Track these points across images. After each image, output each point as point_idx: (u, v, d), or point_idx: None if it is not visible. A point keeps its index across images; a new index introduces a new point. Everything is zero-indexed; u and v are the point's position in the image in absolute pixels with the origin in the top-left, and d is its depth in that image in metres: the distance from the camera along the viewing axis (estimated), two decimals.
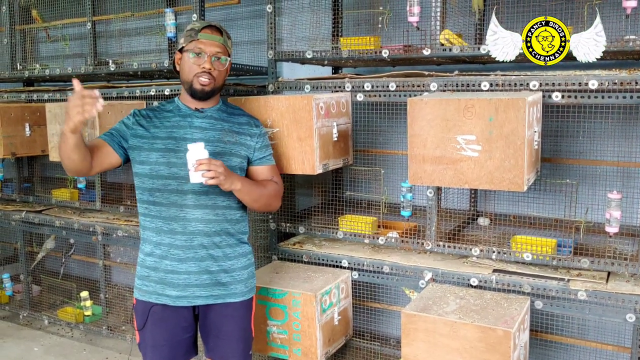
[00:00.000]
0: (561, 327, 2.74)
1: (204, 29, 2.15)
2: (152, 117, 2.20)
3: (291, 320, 2.60)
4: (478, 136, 2.18)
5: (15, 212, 4.02)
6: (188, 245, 2.14)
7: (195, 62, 2.13)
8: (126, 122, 2.21)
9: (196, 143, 1.99)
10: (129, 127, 2.19)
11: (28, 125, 3.88)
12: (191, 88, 2.16)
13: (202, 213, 2.14)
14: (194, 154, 1.97)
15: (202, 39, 2.14)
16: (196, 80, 2.14)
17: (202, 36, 2.14)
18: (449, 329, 2.24)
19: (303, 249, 2.98)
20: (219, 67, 2.17)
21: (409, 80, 2.65)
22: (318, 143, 2.60)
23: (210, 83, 2.15)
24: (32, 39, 4.52)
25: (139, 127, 2.17)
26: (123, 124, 2.21)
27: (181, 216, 2.13)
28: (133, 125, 2.18)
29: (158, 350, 2.19)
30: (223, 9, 3.77)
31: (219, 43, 2.16)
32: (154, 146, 2.14)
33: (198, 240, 2.15)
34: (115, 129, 2.21)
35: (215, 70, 2.15)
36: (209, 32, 2.16)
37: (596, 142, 2.77)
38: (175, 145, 2.13)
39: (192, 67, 2.14)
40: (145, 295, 2.19)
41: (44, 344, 3.85)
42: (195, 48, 2.13)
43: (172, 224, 2.14)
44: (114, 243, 3.67)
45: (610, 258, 2.36)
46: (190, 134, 2.16)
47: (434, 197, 2.63)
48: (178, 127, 2.17)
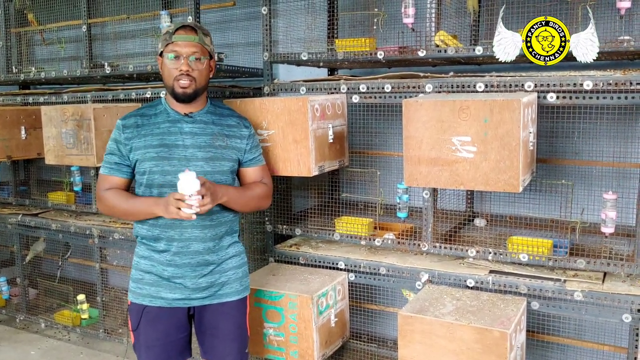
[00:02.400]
0: (558, 327, 2.74)
1: (178, 30, 2.11)
2: (140, 125, 2.15)
3: (288, 322, 2.60)
4: (473, 137, 2.19)
5: (11, 216, 4.01)
6: (184, 251, 2.14)
7: (172, 65, 2.10)
8: (118, 138, 2.15)
9: (186, 173, 1.95)
10: (123, 144, 2.14)
11: (24, 128, 3.87)
12: (173, 92, 2.13)
13: (198, 219, 2.12)
14: (185, 186, 1.95)
15: (176, 41, 2.10)
16: (176, 84, 2.11)
17: (176, 38, 2.10)
18: (445, 330, 2.23)
19: (299, 251, 2.98)
20: (198, 67, 2.12)
21: (404, 82, 2.65)
22: (314, 145, 2.59)
23: (190, 85, 2.11)
24: (28, 42, 4.52)
25: (130, 141, 2.13)
26: (116, 143, 2.16)
27: (177, 223, 2.12)
28: (125, 141, 2.14)
29: (152, 350, 2.19)
30: (218, 11, 3.76)
31: (195, 42, 2.11)
32: (147, 155, 2.12)
33: (194, 247, 2.15)
34: (116, 156, 2.16)
35: (194, 71, 2.11)
36: (183, 32, 2.11)
37: (591, 143, 2.77)
38: (167, 152, 2.12)
39: (171, 70, 2.11)
40: (139, 298, 2.19)
41: (40, 347, 3.84)
42: (171, 51, 2.10)
43: (168, 231, 2.14)
44: (111, 246, 3.66)
45: (606, 258, 2.36)
46: (182, 140, 2.14)
47: (430, 198, 2.63)
48: (169, 134, 2.14)
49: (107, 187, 2.17)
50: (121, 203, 2.14)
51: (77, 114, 3.31)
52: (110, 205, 2.17)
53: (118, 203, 2.15)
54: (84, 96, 3.68)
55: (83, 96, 3.69)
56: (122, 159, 2.16)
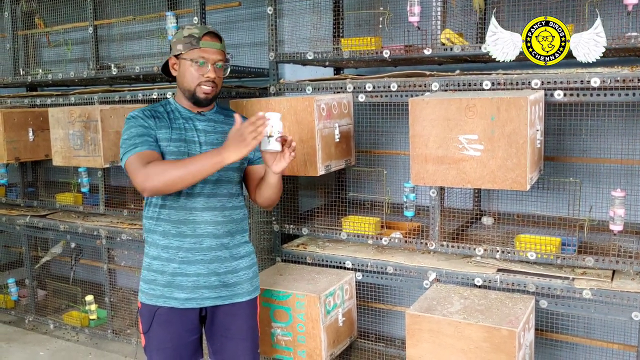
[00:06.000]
0: (566, 326, 2.73)
1: (204, 36, 2.11)
2: (156, 118, 2.12)
3: (295, 322, 2.60)
4: (480, 135, 2.18)
5: (19, 217, 4.03)
6: (197, 247, 2.14)
7: (198, 70, 2.09)
8: (143, 124, 2.07)
9: (274, 113, 1.94)
10: (153, 130, 2.08)
11: (31, 130, 3.90)
12: (194, 96, 2.13)
13: (211, 215, 2.13)
14: (276, 125, 1.94)
15: (205, 47, 2.09)
16: (199, 90, 2.11)
17: (204, 44, 2.09)
18: (453, 329, 2.23)
19: (307, 251, 2.98)
20: (220, 74, 2.15)
21: (410, 80, 2.64)
22: (320, 144, 2.59)
23: (212, 90, 2.13)
24: (35, 44, 4.54)
25: (156, 130, 2.09)
26: (145, 128, 2.07)
27: (190, 219, 2.13)
28: (153, 128, 2.08)
29: (164, 353, 2.19)
30: (224, 12, 3.77)
31: (220, 50, 2.14)
32: (168, 149, 2.09)
33: (207, 243, 2.15)
34: (150, 137, 2.06)
35: (217, 78, 2.13)
36: (209, 39, 2.11)
37: (599, 140, 2.76)
38: (186, 148, 2.10)
39: (195, 75, 2.10)
40: (152, 299, 2.18)
41: (49, 348, 3.86)
42: (199, 57, 2.09)
43: (180, 227, 2.13)
44: (118, 246, 3.67)
45: (615, 256, 2.35)
46: (197, 136, 2.14)
47: (437, 197, 2.63)
48: (185, 130, 2.14)
49: (148, 160, 1.98)
50: (176, 164, 1.95)
51: (84, 115, 3.33)
52: (163, 169, 1.94)
53: (173, 165, 1.95)
54: (90, 97, 3.70)
55: (90, 97, 3.70)
56: (155, 140, 2.07)
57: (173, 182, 1.94)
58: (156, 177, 1.93)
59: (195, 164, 1.93)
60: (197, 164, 1.92)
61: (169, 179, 1.93)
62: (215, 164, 1.91)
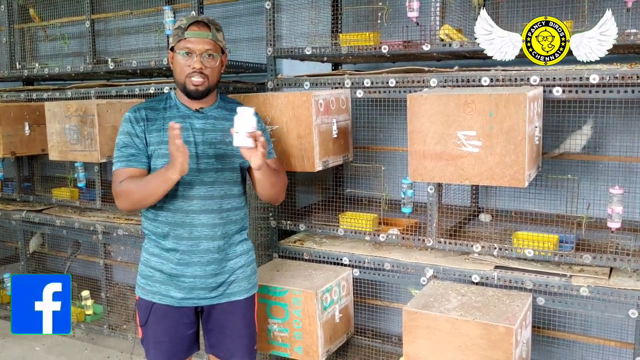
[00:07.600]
0: (563, 323, 2.73)
1: (191, 26, 2.06)
2: (151, 119, 2.11)
3: (292, 318, 2.60)
4: (478, 132, 2.17)
5: (15, 212, 4.02)
6: (194, 250, 2.12)
7: (185, 62, 2.06)
8: (131, 131, 2.08)
9: (246, 108, 1.90)
10: (139, 137, 2.08)
11: (27, 125, 3.87)
12: (185, 89, 2.10)
13: (208, 218, 2.11)
14: (244, 120, 1.89)
15: (189, 38, 2.05)
16: (188, 81, 2.07)
17: (189, 34, 2.05)
18: (450, 326, 2.23)
19: (304, 247, 2.97)
20: (211, 64, 2.08)
21: (408, 76, 2.63)
22: (318, 140, 2.58)
23: (203, 82, 2.07)
24: (31, 38, 4.51)
25: (145, 135, 2.09)
26: (130, 136, 2.08)
27: (187, 221, 2.10)
28: (140, 134, 2.08)
29: (160, 346, 2.19)
30: (222, 6, 3.75)
31: (209, 39, 2.06)
32: (159, 152, 2.08)
33: (204, 245, 2.13)
34: (131, 147, 2.07)
35: (207, 69, 2.07)
36: (196, 28, 2.06)
37: (598, 137, 2.75)
38: None
39: (183, 67, 2.06)
40: (148, 295, 2.17)
41: (45, 343, 3.85)
42: (184, 48, 2.05)
43: (177, 229, 2.11)
44: (115, 242, 3.66)
45: (613, 254, 2.34)
46: (192, 137, 2.11)
47: (435, 193, 2.62)
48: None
49: (123, 179, 2.05)
50: (137, 186, 2.01)
51: (80, 109, 3.31)
52: (127, 192, 2.02)
53: (135, 187, 2.02)
54: (87, 92, 3.68)
55: (86, 92, 3.68)
56: (138, 150, 2.07)
57: (139, 202, 2.06)
58: (124, 198, 2.05)
59: (151, 184, 2.00)
60: (152, 184, 2.00)
61: (134, 200, 2.04)
62: (163, 181, 1.97)
